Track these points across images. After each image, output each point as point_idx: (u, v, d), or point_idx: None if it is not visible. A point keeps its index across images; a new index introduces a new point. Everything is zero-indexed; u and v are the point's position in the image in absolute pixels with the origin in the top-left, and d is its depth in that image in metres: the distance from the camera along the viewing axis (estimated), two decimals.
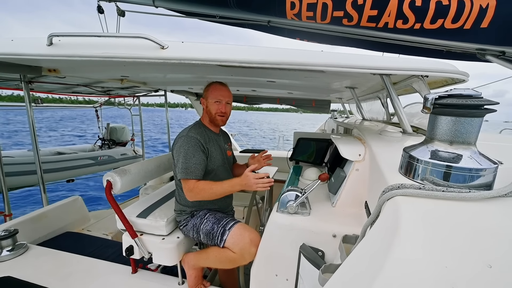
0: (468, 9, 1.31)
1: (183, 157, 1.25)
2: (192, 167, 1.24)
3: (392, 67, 0.84)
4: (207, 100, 1.40)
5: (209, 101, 1.39)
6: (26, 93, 1.96)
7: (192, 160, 1.25)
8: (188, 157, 1.25)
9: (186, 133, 1.32)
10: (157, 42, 0.87)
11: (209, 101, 1.39)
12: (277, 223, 0.90)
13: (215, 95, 1.38)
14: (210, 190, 1.22)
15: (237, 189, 1.22)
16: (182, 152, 1.26)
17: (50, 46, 0.89)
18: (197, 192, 1.23)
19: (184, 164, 1.24)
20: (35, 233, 1.79)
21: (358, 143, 1.03)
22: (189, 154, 1.26)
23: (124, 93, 3.73)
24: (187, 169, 1.24)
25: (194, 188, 1.23)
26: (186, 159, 1.25)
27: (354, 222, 0.85)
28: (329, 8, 1.51)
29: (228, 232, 1.22)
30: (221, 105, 1.39)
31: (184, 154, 1.25)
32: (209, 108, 1.39)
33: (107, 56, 0.87)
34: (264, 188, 1.17)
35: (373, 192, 0.78)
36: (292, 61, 0.85)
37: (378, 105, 2.19)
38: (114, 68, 1.64)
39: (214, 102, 1.38)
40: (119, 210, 1.30)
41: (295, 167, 1.64)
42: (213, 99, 1.38)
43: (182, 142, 1.29)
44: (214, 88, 1.40)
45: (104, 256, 1.61)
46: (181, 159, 1.26)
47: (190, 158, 1.25)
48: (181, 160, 1.25)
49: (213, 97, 1.38)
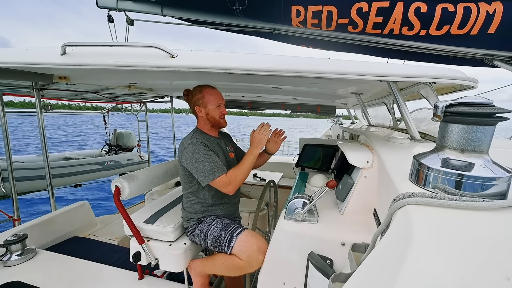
0: (474, 15, 1.30)
1: (201, 161, 1.23)
2: (215, 166, 1.24)
3: (400, 74, 0.84)
4: (207, 107, 1.37)
5: (209, 108, 1.37)
6: (38, 100, 2.01)
7: (212, 160, 1.25)
8: (206, 159, 1.24)
9: (191, 141, 1.30)
10: (166, 51, 0.89)
11: (210, 108, 1.37)
12: (284, 230, 0.89)
13: (214, 100, 1.37)
14: (241, 172, 1.26)
15: (256, 152, 1.32)
16: (197, 157, 1.24)
17: (63, 55, 0.93)
18: (233, 182, 1.24)
19: (207, 166, 1.23)
20: (43, 238, 1.82)
21: (365, 149, 1.02)
22: (205, 157, 1.25)
23: (131, 99, 3.80)
24: (213, 169, 1.23)
25: (228, 181, 1.24)
26: (205, 162, 1.23)
27: (363, 230, 0.83)
28: (334, 15, 1.52)
29: (235, 239, 1.21)
30: (222, 107, 1.41)
31: (201, 158, 1.24)
32: (211, 114, 1.38)
33: (118, 65, 0.89)
34: (269, 133, 1.35)
35: (382, 199, 0.78)
36: (300, 69, 0.86)
37: (384, 110, 2.18)
38: (122, 75, 1.67)
39: (216, 108, 1.38)
40: (127, 216, 1.31)
41: (301, 173, 1.64)
42: (213, 105, 1.37)
43: (192, 149, 1.27)
44: (209, 93, 1.38)
45: (111, 261, 1.62)
46: (200, 164, 1.23)
47: (208, 159, 1.24)
48: (201, 165, 1.23)
49: (213, 103, 1.37)
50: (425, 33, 1.45)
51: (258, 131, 1.34)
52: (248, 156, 1.31)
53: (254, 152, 1.32)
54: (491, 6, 1.31)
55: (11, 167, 2.16)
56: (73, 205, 2.14)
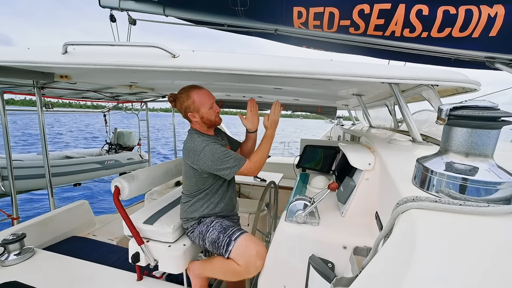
0: (476, 18, 1.30)
1: (223, 159, 1.24)
2: (236, 157, 1.27)
3: (402, 76, 0.84)
4: (200, 111, 1.31)
5: (203, 111, 1.32)
6: (39, 99, 2.01)
7: (231, 154, 1.27)
8: (226, 155, 1.25)
9: (206, 143, 1.26)
10: (168, 51, 0.88)
11: (204, 111, 1.32)
12: (285, 232, 0.89)
13: (205, 102, 1.32)
14: (264, 155, 1.33)
15: (274, 133, 1.40)
16: (218, 157, 1.24)
17: (65, 54, 0.92)
18: (256, 164, 1.30)
19: (231, 160, 1.25)
20: (42, 237, 1.81)
21: (367, 151, 1.02)
22: (225, 153, 1.25)
23: (132, 99, 3.79)
24: (236, 160, 1.26)
25: (252, 165, 1.29)
26: (227, 157, 1.25)
27: (364, 233, 0.83)
28: (336, 17, 1.52)
29: (233, 243, 1.19)
30: (215, 106, 1.37)
31: (222, 156, 1.24)
32: (206, 117, 1.33)
33: (119, 65, 0.89)
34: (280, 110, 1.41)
35: (384, 202, 0.77)
36: (302, 70, 0.86)
37: (385, 112, 2.17)
38: (124, 75, 1.67)
39: (209, 109, 1.33)
40: (126, 216, 1.30)
41: (302, 174, 1.63)
42: (206, 108, 1.32)
43: (210, 151, 1.24)
44: (199, 95, 1.31)
45: (109, 262, 1.61)
46: (223, 161, 1.24)
47: (228, 154, 1.26)
48: (224, 162, 1.24)
49: (206, 105, 1.32)
50: (426, 35, 1.45)
51: (273, 113, 1.38)
52: (268, 138, 1.37)
53: (273, 134, 1.39)
54: (492, 9, 1.31)
55: (10, 166, 2.15)
56: (72, 204, 2.13)
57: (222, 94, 2.73)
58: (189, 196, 1.40)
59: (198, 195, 1.38)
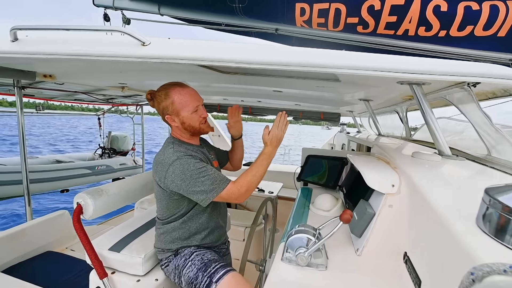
0: (503, 14, 1.16)
1: (196, 179, 0.97)
2: (216, 177, 0.99)
3: (431, 71, 0.65)
4: (180, 115, 1.06)
5: (184, 115, 1.06)
6: (18, 99, 1.85)
7: (209, 172, 0.99)
8: (202, 173, 0.98)
9: (176, 156, 1.01)
10: (136, 37, 0.70)
11: (185, 115, 1.06)
12: (281, 277, 0.67)
13: (188, 104, 1.06)
14: (252, 178, 1.02)
15: (274, 153, 1.07)
16: (190, 175, 0.97)
17: (14, 42, 0.75)
18: (242, 189, 1.01)
19: (207, 181, 0.97)
20: (10, 253, 1.60)
21: (386, 168, 0.83)
22: (200, 171, 0.98)
23: (127, 102, 3.68)
24: (213, 182, 0.98)
25: (237, 190, 1.00)
26: (203, 177, 0.98)
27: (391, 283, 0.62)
28: (343, 14, 1.40)
29: (214, 285, 0.98)
30: (201, 110, 1.10)
31: (195, 175, 0.97)
32: (187, 123, 1.07)
33: (78, 54, 0.72)
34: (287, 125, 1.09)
35: (419, 242, 0.58)
36: (304, 62, 0.68)
37: (393, 119, 2.01)
38: (109, 75, 1.53)
39: (192, 113, 1.07)
40: (87, 242, 1.08)
41: (304, 189, 1.44)
42: (188, 111, 1.06)
43: (180, 167, 0.98)
44: (180, 95, 1.05)
45: (81, 285, 1.41)
46: (196, 182, 0.97)
47: (205, 172, 0.99)
48: (198, 183, 0.97)
49: (188, 108, 1.06)
50: (444, 34, 1.32)
51: (276, 126, 1.05)
52: (265, 157, 1.05)
53: (273, 154, 1.06)
54: None
55: None
56: (51, 214, 1.94)
57: (219, 98, 2.58)
58: (163, 222, 1.15)
59: (173, 222, 1.13)
